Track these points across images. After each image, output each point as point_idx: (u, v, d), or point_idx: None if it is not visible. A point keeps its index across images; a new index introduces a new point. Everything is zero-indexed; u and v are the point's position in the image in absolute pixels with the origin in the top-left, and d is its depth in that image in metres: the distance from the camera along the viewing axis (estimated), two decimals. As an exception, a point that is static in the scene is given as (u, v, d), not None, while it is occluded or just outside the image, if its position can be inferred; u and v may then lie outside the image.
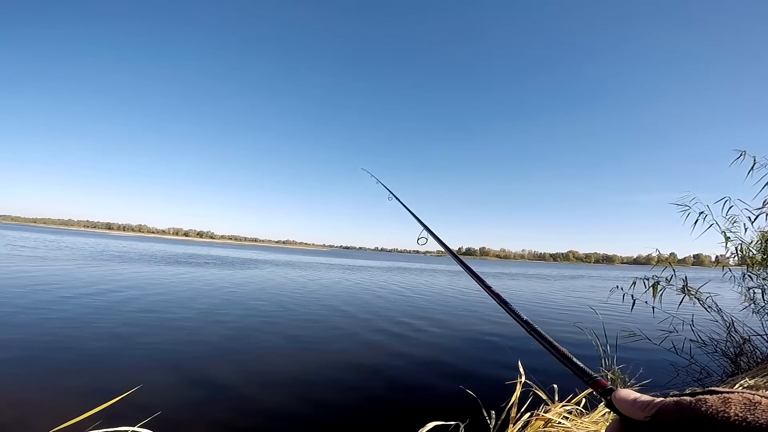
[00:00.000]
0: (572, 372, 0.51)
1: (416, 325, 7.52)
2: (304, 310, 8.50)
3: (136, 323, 6.01)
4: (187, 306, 7.86)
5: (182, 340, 5.27)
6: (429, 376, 4.40)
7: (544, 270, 53.63)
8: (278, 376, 4.17)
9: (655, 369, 4.34)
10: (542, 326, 0.61)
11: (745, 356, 4.16)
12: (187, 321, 6.45)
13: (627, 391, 0.38)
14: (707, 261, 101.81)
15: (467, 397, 2.54)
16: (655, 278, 4.59)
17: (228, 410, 3.24)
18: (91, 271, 13.13)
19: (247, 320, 6.92)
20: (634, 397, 0.36)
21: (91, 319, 6.05)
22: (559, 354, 0.54)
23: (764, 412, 0.28)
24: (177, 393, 3.52)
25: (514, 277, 29.09)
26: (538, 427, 1.91)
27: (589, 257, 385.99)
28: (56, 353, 4.32)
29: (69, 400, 3.21)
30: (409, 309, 9.63)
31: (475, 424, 2.05)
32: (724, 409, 0.29)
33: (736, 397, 0.30)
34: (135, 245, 42.37)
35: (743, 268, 4.58)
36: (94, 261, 17.29)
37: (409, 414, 3.35)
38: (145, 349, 4.69)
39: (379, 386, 4.06)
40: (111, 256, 21.08)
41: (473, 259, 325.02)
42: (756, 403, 0.29)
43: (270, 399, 3.55)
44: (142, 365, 4.18)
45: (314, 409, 3.40)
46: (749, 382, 2.98)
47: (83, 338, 4.97)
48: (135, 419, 1.61)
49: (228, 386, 3.77)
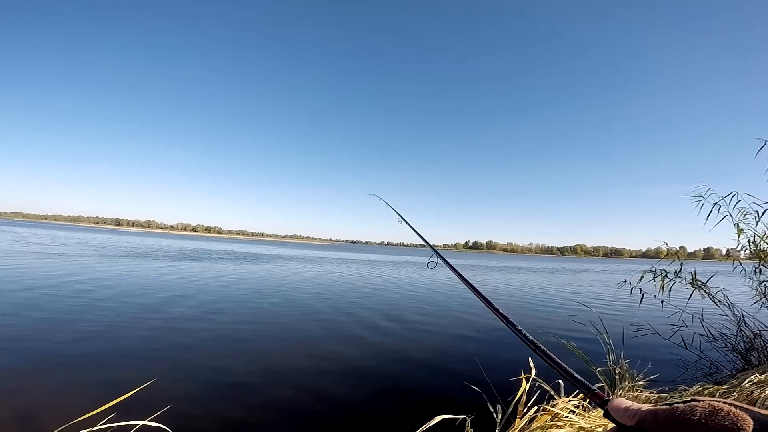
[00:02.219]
0: (573, 385, 0.56)
1: (423, 319, 7.54)
2: (314, 304, 8.56)
3: (143, 321, 6.10)
4: (199, 301, 7.98)
5: (196, 335, 5.35)
6: (435, 371, 4.42)
7: (551, 264, 53.34)
8: (287, 369, 4.21)
9: (664, 364, 4.31)
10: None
11: (755, 351, 4.10)
12: (202, 315, 6.55)
13: (620, 400, 0.43)
14: (717, 255, 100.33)
15: (473, 392, 2.55)
16: (664, 271, 4.53)
17: (238, 403, 3.28)
18: (101, 266, 13.35)
19: (256, 314, 7.00)
20: (625, 406, 0.41)
21: (102, 313, 6.17)
22: (561, 369, 0.59)
23: (723, 419, 0.32)
24: (187, 387, 3.59)
25: (520, 271, 28.96)
26: (545, 421, 1.91)
27: (597, 251, 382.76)
28: (74, 348, 4.42)
29: (84, 395, 3.29)
30: (415, 303, 9.65)
31: (481, 418, 2.06)
32: (689, 417, 0.33)
33: (703, 405, 0.34)
34: (146, 241, 42.96)
35: (755, 262, 4.50)
36: (110, 257, 17.56)
37: (416, 407, 3.37)
38: (157, 346, 4.78)
39: (386, 380, 4.09)
40: (123, 252, 21.41)
41: (480, 252, 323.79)
42: (718, 410, 0.33)
43: (278, 392, 3.59)
44: (153, 360, 4.25)
45: (323, 402, 3.44)
46: (759, 377, 2.94)
47: (95, 333, 5.07)
48: (145, 414, 1.64)
49: (238, 380, 3.82)
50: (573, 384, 0.56)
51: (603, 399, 0.47)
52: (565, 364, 0.59)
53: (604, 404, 0.45)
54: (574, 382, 0.56)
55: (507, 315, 0.85)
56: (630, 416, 0.39)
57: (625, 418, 0.40)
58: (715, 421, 0.32)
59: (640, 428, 0.37)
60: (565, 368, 0.59)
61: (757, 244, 4.32)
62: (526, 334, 0.74)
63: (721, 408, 0.33)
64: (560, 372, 0.59)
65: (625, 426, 0.39)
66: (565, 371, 0.58)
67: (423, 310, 8.59)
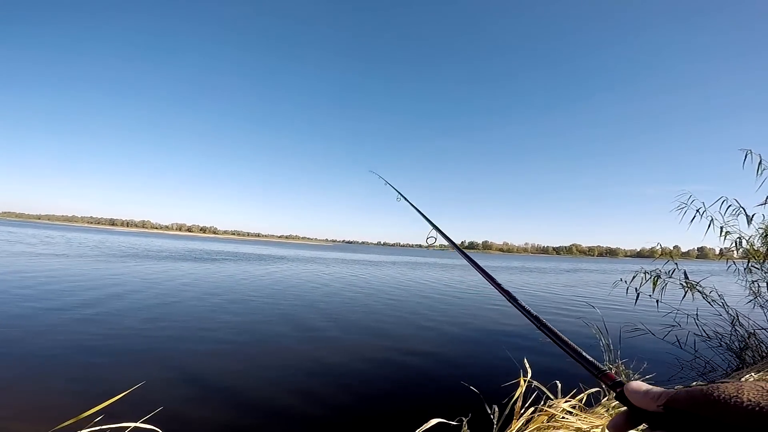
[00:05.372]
0: (582, 365, 0.52)
1: (417, 320, 7.53)
2: (309, 304, 8.52)
3: (141, 322, 6.04)
4: (199, 300, 7.91)
5: (190, 337, 5.30)
6: (431, 372, 4.40)
7: (547, 263, 53.60)
8: (282, 371, 4.17)
9: (659, 363, 4.33)
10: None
11: (750, 350, 4.14)
12: (196, 315, 6.49)
13: (639, 383, 0.40)
14: (711, 254, 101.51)
15: (469, 393, 2.54)
16: (657, 271, 4.55)
17: (229, 407, 3.24)
18: (93, 267, 13.22)
19: (252, 315, 6.95)
20: (646, 389, 0.38)
21: (91, 316, 6.10)
22: (569, 348, 0.55)
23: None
24: (180, 389, 3.54)
25: (513, 271, 29.05)
26: (542, 422, 1.90)
27: (593, 250, 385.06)
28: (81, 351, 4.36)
29: (73, 397, 3.24)
30: (412, 304, 9.64)
31: (478, 420, 2.04)
32: (737, 395, 0.29)
33: (749, 385, 0.31)
34: (141, 241, 42.61)
35: (744, 261, 4.55)
36: (106, 258, 17.40)
37: (412, 409, 3.34)
38: (149, 346, 4.72)
39: (381, 381, 4.06)
40: (121, 253, 21.23)
41: (476, 252, 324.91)
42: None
43: (272, 395, 3.55)
44: (145, 362, 4.20)
45: (316, 404, 3.40)
46: (754, 376, 2.96)
47: (91, 336, 5.00)
48: (137, 416, 1.60)
49: (229, 383, 3.78)
50: (581, 364, 0.52)
51: (614, 381, 0.45)
52: (573, 344, 0.55)
53: (616, 387, 0.43)
54: (582, 361, 0.52)
55: (509, 290, 0.79)
56: (653, 397, 0.36)
57: (646, 401, 0.37)
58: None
59: (668, 409, 0.34)
60: (573, 347, 0.54)
61: (748, 243, 4.37)
62: (530, 311, 0.69)
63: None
64: (567, 351, 0.55)
65: (643, 412, 0.37)
66: (573, 350, 0.54)
67: (417, 311, 8.57)
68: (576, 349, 0.54)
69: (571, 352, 0.54)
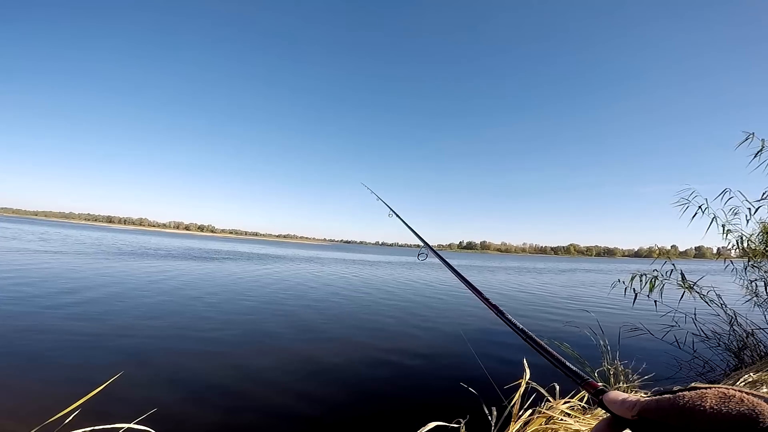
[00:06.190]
0: (566, 374, 0.54)
1: (414, 321, 7.52)
2: (307, 304, 8.50)
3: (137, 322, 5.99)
4: (197, 298, 7.87)
5: (188, 336, 5.26)
6: (428, 374, 4.37)
7: (544, 264, 53.72)
8: (279, 371, 4.14)
9: (658, 363, 4.31)
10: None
11: (748, 350, 4.13)
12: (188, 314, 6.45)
13: (616, 393, 0.41)
14: (709, 253, 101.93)
15: (467, 395, 2.51)
16: (655, 272, 4.54)
17: (223, 407, 3.21)
18: (89, 264, 13.15)
19: (249, 315, 6.92)
20: (622, 398, 0.39)
21: (84, 313, 6.05)
22: (554, 358, 0.57)
23: (737, 404, 0.29)
24: (174, 389, 3.51)
25: (510, 272, 29.08)
26: (540, 424, 1.88)
27: (590, 250, 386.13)
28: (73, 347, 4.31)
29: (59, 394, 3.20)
30: (410, 305, 9.62)
31: (476, 422, 2.01)
32: (700, 403, 0.31)
33: (712, 392, 0.32)
34: (138, 239, 42.45)
35: (745, 260, 4.53)
36: (103, 255, 17.32)
37: (410, 412, 3.31)
38: (143, 345, 4.68)
39: (379, 382, 4.03)
40: (118, 251, 21.12)
41: (474, 252, 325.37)
42: (730, 397, 0.31)
43: (266, 396, 3.51)
44: (138, 361, 4.16)
45: (313, 405, 3.37)
46: (753, 376, 2.94)
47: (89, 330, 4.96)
48: (131, 417, 1.57)
49: (227, 382, 3.75)
50: (565, 373, 0.54)
51: (597, 388, 0.46)
52: (557, 353, 0.57)
53: (598, 394, 0.44)
54: (566, 371, 0.54)
55: (497, 305, 0.83)
56: (628, 407, 0.37)
57: (623, 410, 0.38)
58: (728, 407, 0.30)
59: (641, 419, 0.35)
60: (557, 357, 0.57)
61: (747, 242, 4.35)
62: (516, 323, 0.72)
63: (734, 394, 0.31)
64: (552, 361, 0.57)
65: (622, 419, 0.38)
66: (557, 360, 0.56)
67: (414, 312, 8.54)
68: (560, 358, 0.56)
69: (555, 361, 0.57)
